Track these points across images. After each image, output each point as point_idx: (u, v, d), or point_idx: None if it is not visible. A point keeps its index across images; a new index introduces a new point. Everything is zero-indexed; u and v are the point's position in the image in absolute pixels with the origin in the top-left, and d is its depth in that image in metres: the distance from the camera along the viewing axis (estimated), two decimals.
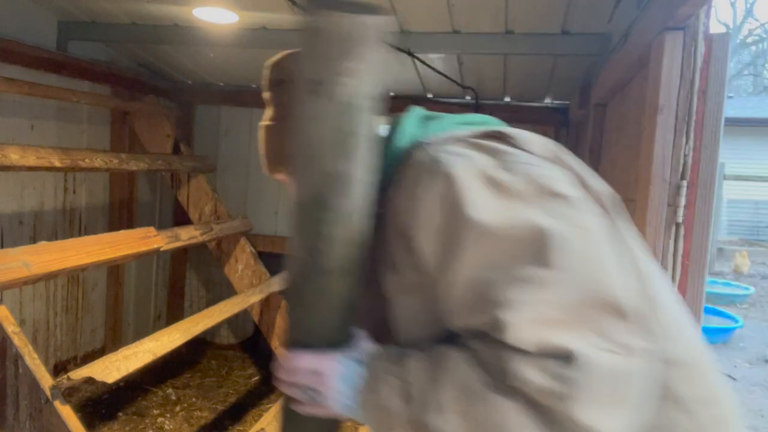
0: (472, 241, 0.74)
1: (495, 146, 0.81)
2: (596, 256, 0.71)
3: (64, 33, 3.27)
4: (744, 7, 24.80)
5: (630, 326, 0.67)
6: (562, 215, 0.73)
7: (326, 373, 0.83)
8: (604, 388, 0.66)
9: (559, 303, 0.68)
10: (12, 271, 1.93)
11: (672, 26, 1.46)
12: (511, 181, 0.76)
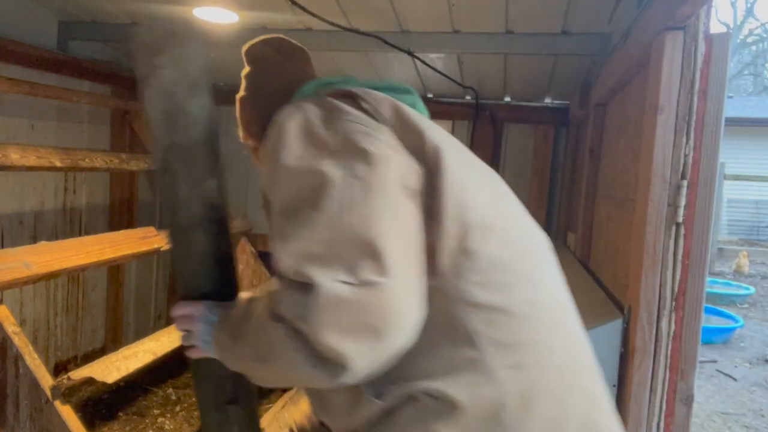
0: (280, 181, 0.87)
1: (334, 104, 0.92)
2: (369, 207, 0.80)
3: (64, 33, 3.27)
4: (744, 7, 24.81)
5: (379, 266, 0.76)
6: (351, 169, 0.83)
7: (194, 315, 0.99)
8: (340, 315, 0.75)
9: (319, 240, 0.79)
10: (12, 271, 1.93)
11: (672, 26, 1.46)
12: (324, 134, 0.88)
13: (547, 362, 0.87)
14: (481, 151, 3.86)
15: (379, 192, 0.82)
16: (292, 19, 2.82)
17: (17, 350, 1.84)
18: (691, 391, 1.52)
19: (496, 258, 0.88)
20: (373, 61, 3.38)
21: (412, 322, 0.81)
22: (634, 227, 1.63)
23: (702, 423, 4.03)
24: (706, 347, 5.65)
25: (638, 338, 1.52)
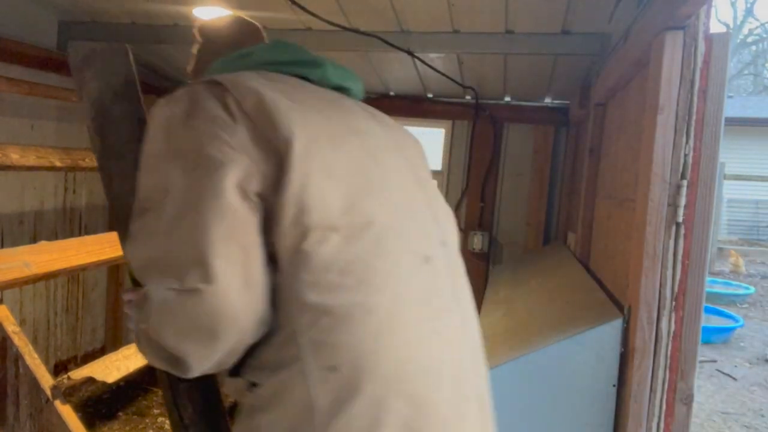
0: (141, 169, 0.94)
1: (198, 98, 0.93)
2: (200, 215, 0.84)
3: (64, 33, 3.27)
4: (744, 7, 24.80)
5: (204, 273, 0.82)
6: (191, 174, 0.87)
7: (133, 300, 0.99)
8: (173, 319, 0.84)
9: (157, 247, 0.86)
10: (12, 271, 1.93)
11: (672, 26, 1.46)
12: (180, 133, 0.91)
13: (365, 367, 0.86)
14: (481, 150, 3.87)
15: (212, 198, 0.85)
16: (292, 18, 2.82)
17: (17, 350, 1.84)
18: (691, 391, 1.52)
19: (333, 260, 0.88)
20: (373, 61, 3.38)
21: (247, 321, 0.86)
22: (634, 227, 1.63)
23: (702, 423, 4.03)
24: (706, 347, 5.66)
25: (638, 338, 1.52)
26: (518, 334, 1.89)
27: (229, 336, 0.85)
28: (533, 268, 2.93)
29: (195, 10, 2.81)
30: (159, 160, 0.92)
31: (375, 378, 0.87)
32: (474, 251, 3.86)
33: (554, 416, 1.64)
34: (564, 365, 1.61)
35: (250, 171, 0.87)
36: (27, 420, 1.85)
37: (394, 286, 0.93)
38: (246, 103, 0.92)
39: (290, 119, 0.91)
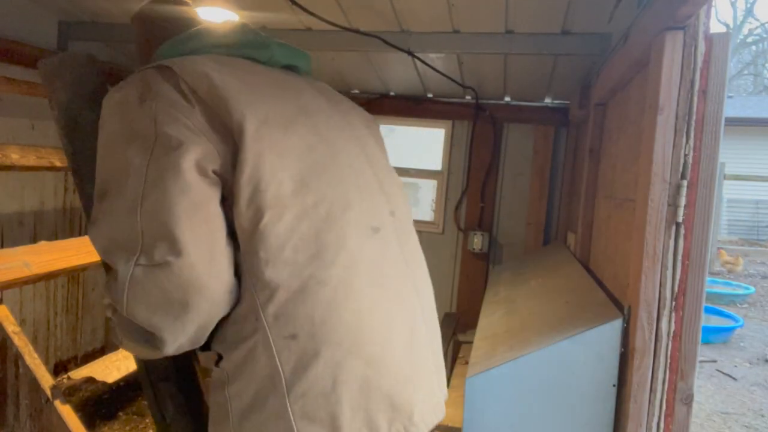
0: (98, 153, 0.97)
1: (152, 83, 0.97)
2: (163, 193, 0.88)
3: (64, 33, 3.27)
4: (744, 7, 24.80)
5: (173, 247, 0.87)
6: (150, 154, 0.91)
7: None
8: (143, 294, 0.88)
9: (121, 226, 0.89)
10: (12, 271, 1.93)
11: (672, 26, 1.46)
12: (135, 115, 0.94)
13: (321, 334, 0.94)
14: (481, 150, 3.87)
15: (175, 177, 0.89)
16: (292, 18, 2.83)
17: (17, 350, 1.84)
18: (691, 391, 1.52)
19: (287, 237, 0.94)
20: (373, 61, 3.39)
21: (216, 291, 0.91)
22: (634, 227, 1.63)
23: (702, 423, 4.03)
24: (706, 347, 5.66)
25: (638, 338, 1.52)
26: (518, 334, 1.88)
27: (201, 306, 0.90)
28: (533, 268, 2.93)
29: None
30: (115, 143, 0.94)
31: (331, 343, 0.94)
32: (474, 251, 3.86)
33: (554, 416, 1.64)
34: (564, 365, 1.61)
35: (208, 151, 0.92)
36: (27, 420, 1.85)
37: (344, 258, 0.99)
38: (199, 88, 0.96)
39: (241, 102, 0.95)
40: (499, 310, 2.34)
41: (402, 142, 4.98)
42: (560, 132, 3.79)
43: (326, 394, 0.94)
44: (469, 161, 3.92)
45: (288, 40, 3.16)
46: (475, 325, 2.28)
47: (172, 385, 1.18)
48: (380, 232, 1.07)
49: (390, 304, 1.04)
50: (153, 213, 0.88)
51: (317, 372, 0.93)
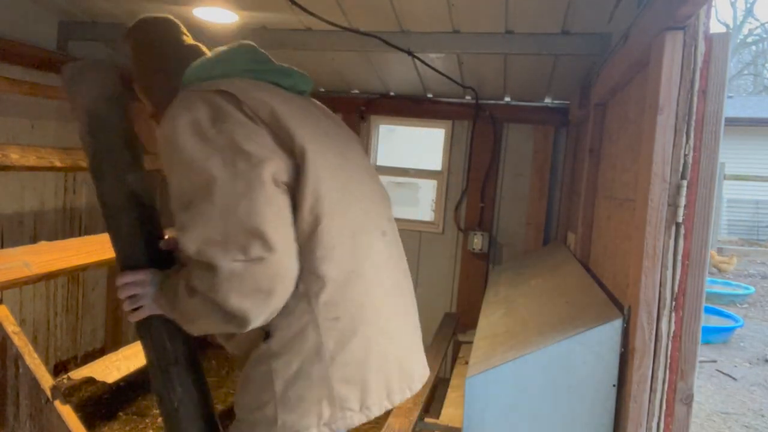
0: (176, 172, 1.12)
1: (220, 106, 1.13)
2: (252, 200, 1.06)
3: (64, 33, 3.27)
4: (744, 7, 24.80)
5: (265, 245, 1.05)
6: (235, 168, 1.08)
7: (143, 280, 1.23)
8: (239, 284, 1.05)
9: (215, 229, 1.06)
10: (12, 271, 1.93)
11: (672, 26, 1.46)
12: (211, 135, 1.10)
13: (358, 315, 1.19)
14: (481, 151, 3.87)
15: (259, 187, 1.08)
16: (292, 19, 2.83)
17: (17, 350, 1.84)
18: (691, 391, 1.52)
19: (336, 239, 1.17)
20: (373, 61, 3.39)
21: (292, 280, 1.12)
22: (634, 227, 1.63)
23: (702, 423, 4.03)
24: (706, 347, 5.65)
25: (638, 338, 1.52)
26: (518, 334, 1.88)
27: (282, 293, 1.10)
28: (533, 268, 2.93)
29: (195, 10, 2.81)
30: (195, 159, 1.09)
31: (365, 323, 1.20)
32: (474, 251, 3.86)
33: (554, 416, 1.64)
34: (564, 365, 1.61)
35: (279, 166, 1.11)
36: (27, 420, 1.85)
37: (370, 255, 1.24)
38: (261, 112, 1.15)
39: (297, 127, 1.16)
40: (499, 310, 2.34)
41: (402, 143, 4.97)
42: (560, 132, 3.79)
43: (360, 362, 1.19)
44: (469, 161, 3.92)
45: (288, 40, 3.16)
46: (475, 325, 2.28)
47: (181, 369, 1.29)
48: (386, 235, 1.32)
49: (395, 290, 1.31)
50: (246, 217, 1.06)
51: (354, 346, 1.18)
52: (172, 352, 1.29)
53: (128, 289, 1.23)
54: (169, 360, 1.28)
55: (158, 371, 1.28)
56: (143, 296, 1.23)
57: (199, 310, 1.11)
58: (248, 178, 1.07)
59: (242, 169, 1.07)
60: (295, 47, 3.02)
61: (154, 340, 1.29)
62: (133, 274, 1.23)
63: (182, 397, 1.27)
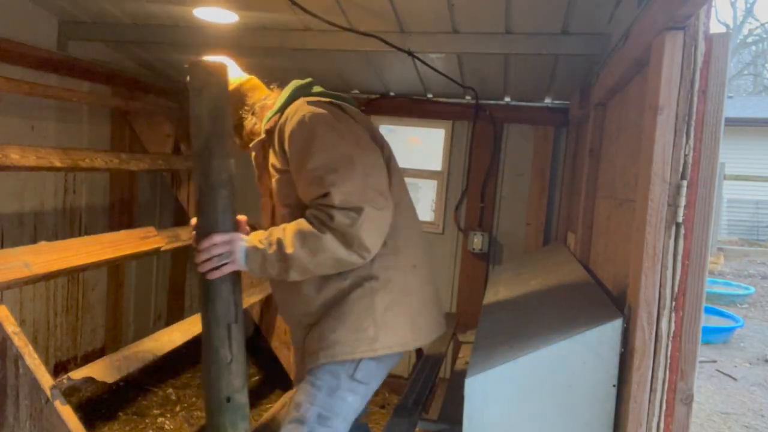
0: (319, 153, 1.53)
1: (337, 111, 1.65)
2: (377, 171, 1.59)
3: (64, 33, 3.27)
4: (744, 7, 24.80)
5: (386, 200, 1.55)
6: (365, 150, 1.60)
7: (233, 240, 1.50)
8: (373, 225, 1.51)
9: (359, 187, 1.50)
10: (12, 271, 1.93)
11: (672, 26, 1.46)
12: (342, 129, 1.60)
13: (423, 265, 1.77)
14: (481, 151, 3.87)
15: (381, 165, 1.63)
16: (292, 19, 2.83)
17: (17, 350, 1.84)
18: (691, 391, 1.52)
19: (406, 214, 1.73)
20: (373, 61, 3.39)
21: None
22: (634, 227, 1.63)
23: (702, 423, 4.03)
24: (706, 347, 5.66)
25: (638, 338, 1.52)
26: (518, 334, 1.88)
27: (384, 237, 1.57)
28: (533, 268, 2.93)
29: (195, 11, 2.81)
30: (335, 143, 1.55)
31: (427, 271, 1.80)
32: (474, 251, 3.86)
33: (554, 416, 1.64)
34: (564, 365, 1.61)
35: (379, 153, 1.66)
36: (27, 420, 1.85)
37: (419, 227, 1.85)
38: (359, 119, 1.69)
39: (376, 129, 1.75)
40: (499, 310, 2.34)
41: (402, 142, 4.97)
42: (560, 132, 3.79)
43: (426, 300, 1.76)
44: (469, 161, 3.92)
45: (288, 40, 3.16)
46: (475, 325, 2.28)
47: (239, 328, 1.49)
48: (416, 213, 1.86)
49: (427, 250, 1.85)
50: (376, 182, 1.54)
51: (425, 287, 1.76)
52: (234, 312, 1.49)
53: (219, 248, 1.47)
54: (231, 318, 1.48)
55: (221, 327, 1.47)
56: (232, 253, 1.48)
57: (327, 245, 1.48)
58: (374, 156, 1.60)
59: (368, 153, 1.58)
60: (295, 47, 3.02)
61: (224, 297, 1.49)
62: (225, 235, 1.49)
63: (236, 354, 1.48)
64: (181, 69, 3.96)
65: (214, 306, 1.48)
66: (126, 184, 3.92)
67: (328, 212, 1.47)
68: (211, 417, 1.48)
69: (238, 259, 1.49)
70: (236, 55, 3.44)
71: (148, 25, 3.17)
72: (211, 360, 1.47)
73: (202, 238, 1.48)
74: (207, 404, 1.49)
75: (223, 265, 1.47)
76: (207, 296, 1.49)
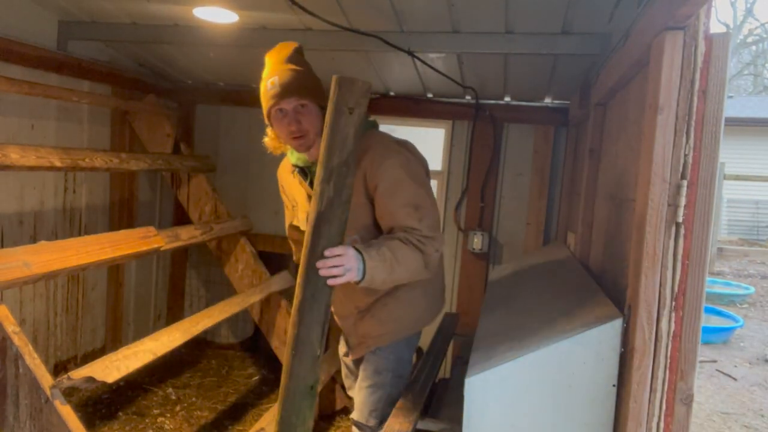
0: (404, 190, 1.89)
1: (411, 151, 2.01)
2: (436, 208, 1.99)
3: (64, 33, 3.27)
4: (744, 7, 24.80)
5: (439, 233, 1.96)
6: (426, 188, 1.97)
7: (350, 254, 1.67)
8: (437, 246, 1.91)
9: (432, 221, 1.92)
10: (12, 271, 1.93)
11: (672, 26, 1.46)
12: (416, 170, 1.96)
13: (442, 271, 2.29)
14: (481, 150, 3.86)
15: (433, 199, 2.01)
16: (292, 18, 2.83)
17: (17, 350, 1.84)
18: (691, 391, 1.52)
19: None
20: (373, 61, 3.39)
21: None
22: (634, 227, 1.63)
23: (702, 423, 4.03)
24: (706, 347, 5.66)
25: (638, 338, 1.52)
26: (518, 334, 1.88)
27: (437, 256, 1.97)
28: (533, 268, 2.93)
29: (195, 10, 2.81)
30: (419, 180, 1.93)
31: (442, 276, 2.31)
32: (474, 251, 3.86)
33: (554, 416, 1.64)
34: (564, 365, 1.61)
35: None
36: (27, 420, 1.85)
37: None
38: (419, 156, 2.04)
39: None
40: (499, 310, 2.34)
41: None
42: (560, 132, 3.79)
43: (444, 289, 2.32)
44: (469, 161, 3.92)
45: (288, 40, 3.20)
46: (475, 325, 2.28)
47: (326, 329, 1.66)
48: None
49: None
50: (436, 216, 1.96)
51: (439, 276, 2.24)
52: (326, 315, 1.65)
53: (347, 260, 1.64)
54: (325, 319, 1.64)
55: (320, 326, 1.63)
56: (354, 266, 1.67)
57: (417, 263, 1.85)
58: (432, 196, 1.99)
59: (430, 193, 1.98)
60: None
61: (326, 302, 1.64)
62: (352, 250, 1.68)
63: (324, 349, 1.69)
64: (181, 69, 3.97)
65: (319, 308, 1.63)
66: (126, 184, 3.92)
67: (419, 238, 1.85)
68: (294, 400, 1.64)
69: (354, 272, 1.68)
70: (236, 55, 3.46)
71: (148, 25, 3.17)
72: (305, 353, 1.63)
73: (330, 248, 1.62)
74: (290, 390, 1.65)
75: (342, 275, 1.65)
76: (314, 298, 1.62)
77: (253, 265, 3.67)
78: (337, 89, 1.53)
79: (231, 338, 4.52)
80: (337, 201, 1.58)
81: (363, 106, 1.56)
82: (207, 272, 4.52)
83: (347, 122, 1.54)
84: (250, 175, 4.32)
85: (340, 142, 1.55)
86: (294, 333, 1.63)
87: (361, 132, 1.59)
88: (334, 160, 1.55)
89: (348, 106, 1.53)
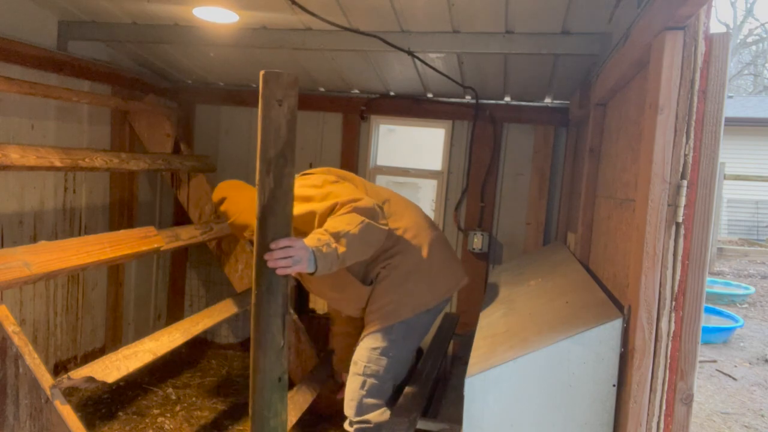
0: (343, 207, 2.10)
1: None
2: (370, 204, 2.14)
3: (64, 33, 3.27)
4: (744, 7, 24.80)
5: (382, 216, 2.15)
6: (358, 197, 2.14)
7: (299, 245, 1.72)
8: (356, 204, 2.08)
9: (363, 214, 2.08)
10: (12, 271, 1.93)
11: (672, 26, 1.46)
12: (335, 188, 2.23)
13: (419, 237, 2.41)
14: (481, 150, 3.87)
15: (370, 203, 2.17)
16: (292, 18, 2.83)
17: (17, 350, 1.84)
18: (691, 391, 1.52)
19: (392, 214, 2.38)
20: (373, 61, 3.39)
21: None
22: (634, 227, 1.63)
23: (702, 423, 4.03)
24: (706, 347, 5.66)
25: (638, 338, 1.52)
26: (518, 334, 1.88)
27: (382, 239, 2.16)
28: (533, 268, 2.93)
29: (195, 10, 2.81)
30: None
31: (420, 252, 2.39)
32: (474, 251, 3.86)
33: (554, 416, 1.64)
34: (564, 365, 1.62)
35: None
36: (27, 419, 1.85)
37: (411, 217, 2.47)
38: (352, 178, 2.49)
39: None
40: (499, 310, 2.34)
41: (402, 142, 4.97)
42: (560, 132, 3.79)
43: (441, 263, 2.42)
44: (469, 161, 3.92)
45: (288, 40, 3.16)
46: (475, 325, 2.28)
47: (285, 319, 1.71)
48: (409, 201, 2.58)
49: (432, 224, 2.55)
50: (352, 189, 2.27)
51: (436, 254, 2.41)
52: (286, 305, 1.71)
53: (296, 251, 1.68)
54: (285, 310, 1.70)
55: (279, 318, 1.68)
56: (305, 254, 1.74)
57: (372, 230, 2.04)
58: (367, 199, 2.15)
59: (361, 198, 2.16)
60: (295, 47, 3.02)
61: (283, 293, 1.69)
62: (299, 241, 1.72)
63: (286, 339, 1.72)
64: (181, 69, 3.97)
65: (276, 300, 1.68)
66: (126, 184, 3.92)
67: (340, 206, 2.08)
68: (262, 394, 1.68)
69: (305, 262, 1.74)
70: (236, 55, 3.46)
71: (148, 25, 3.17)
72: (267, 346, 1.67)
73: (278, 239, 1.66)
74: (258, 384, 1.68)
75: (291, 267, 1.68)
76: (270, 291, 1.68)
77: (253, 265, 3.66)
78: (264, 84, 1.58)
79: (231, 338, 4.52)
80: (278, 192, 1.63)
81: (292, 98, 1.61)
82: (207, 272, 4.52)
83: (278, 114, 1.60)
84: (250, 175, 4.31)
85: (273, 134, 1.61)
86: (254, 327, 1.68)
87: (294, 123, 1.63)
88: (270, 152, 1.61)
89: (276, 98, 1.59)
